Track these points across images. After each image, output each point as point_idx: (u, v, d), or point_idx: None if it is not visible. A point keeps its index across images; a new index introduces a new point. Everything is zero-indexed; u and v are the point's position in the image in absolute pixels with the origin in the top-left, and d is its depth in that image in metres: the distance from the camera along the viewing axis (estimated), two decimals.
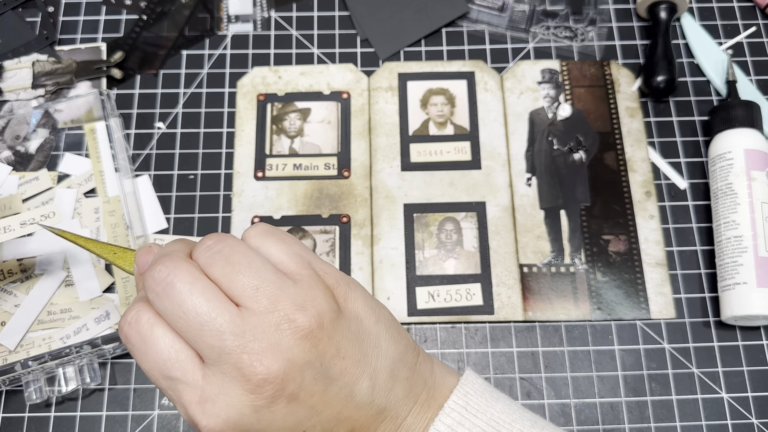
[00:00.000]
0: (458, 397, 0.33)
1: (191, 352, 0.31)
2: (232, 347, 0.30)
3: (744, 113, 0.53)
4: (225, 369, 0.30)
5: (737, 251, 0.49)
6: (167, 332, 0.32)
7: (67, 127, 0.56)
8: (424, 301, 0.51)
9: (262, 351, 0.30)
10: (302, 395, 0.31)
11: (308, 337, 0.31)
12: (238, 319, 0.30)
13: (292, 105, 0.57)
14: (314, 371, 0.31)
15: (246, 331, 0.30)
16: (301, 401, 0.31)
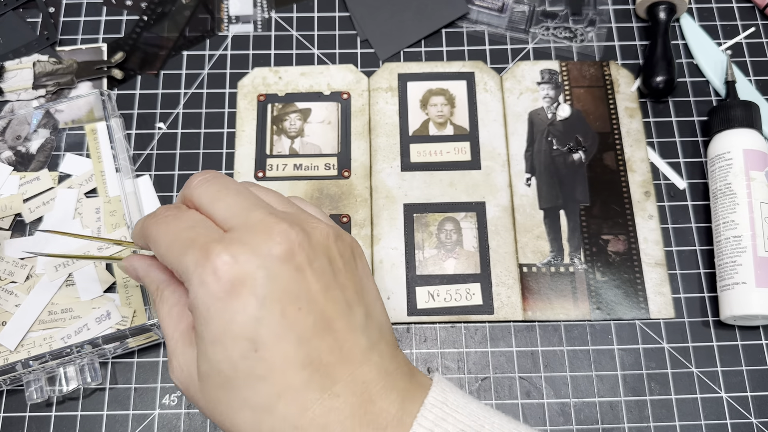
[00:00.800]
0: (437, 393, 0.33)
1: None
2: (270, 217, 0.33)
3: (743, 113, 0.53)
4: (257, 228, 0.33)
5: (736, 251, 0.49)
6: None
7: (68, 128, 0.56)
8: (424, 301, 0.51)
9: (292, 225, 0.33)
10: (317, 274, 0.33)
11: (328, 236, 0.34)
12: (272, 207, 0.34)
13: (293, 105, 0.57)
14: (329, 263, 0.33)
15: (279, 212, 0.34)
16: (316, 277, 0.33)
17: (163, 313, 0.36)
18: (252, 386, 0.31)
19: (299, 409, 0.31)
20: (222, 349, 0.31)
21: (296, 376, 0.31)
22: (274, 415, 0.31)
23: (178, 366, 0.35)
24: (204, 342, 0.32)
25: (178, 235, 0.34)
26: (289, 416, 0.31)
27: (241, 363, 0.31)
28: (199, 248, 0.32)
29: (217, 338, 0.31)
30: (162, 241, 0.34)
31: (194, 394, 0.34)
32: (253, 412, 0.31)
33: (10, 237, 0.53)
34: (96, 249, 0.52)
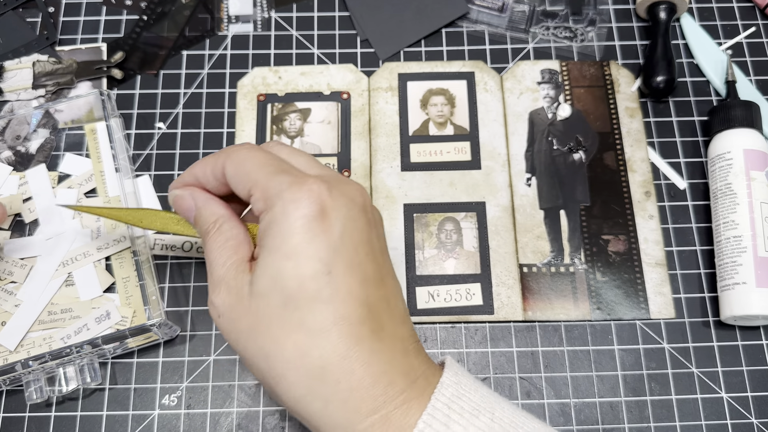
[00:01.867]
0: (451, 374, 0.35)
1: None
2: (344, 176, 0.38)
3: (743, 113, 0.53)
4: (340, 178, 0.37)
5: (736, 251, 0.49)
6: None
7: (67, 128, 0.56)
8: (424, 301, 0.51)
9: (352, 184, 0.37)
10: (380, 236, 0.37)
11: (366, 207, 0.37)
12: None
13: (293, 105, 0.57)
14: (382, 233, 0.38)
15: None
16: (379, 237, 0.37)
17: (219, 244, 0.37)
18: (313, 308, 0.33)
19: (350, 341, 0.33)
20: (295, 264, 0.33)
21: (355, 311, 0.33)
22: (326, 341, 0.33)
23: (227, 289, 0.36)
24: (276, 256, 0.34)
25: (270, 161, 0.37)
26: (340, 346, 0.33)
27: (310, 282, 0.33)
28: (295, 176, 0.35)
29: (294, 253, 0.33)
30: (251, 163, 0.37)
31: (238, 316, 0.35)
32: (307, 335, 0.33)
33: (10, 237, 0.52)
34: (118, 226, 0.52)
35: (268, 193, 0.35)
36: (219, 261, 0.37)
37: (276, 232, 0.34)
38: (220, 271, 0.36)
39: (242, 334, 0.35)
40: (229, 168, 0.38)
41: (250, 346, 0.34)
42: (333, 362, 0.33)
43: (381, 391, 0.33)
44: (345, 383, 0.33)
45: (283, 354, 0.33)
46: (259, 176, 0.36)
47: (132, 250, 0.51)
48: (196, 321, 0.51)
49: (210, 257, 0.37)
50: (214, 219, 0.39)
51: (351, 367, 0.33)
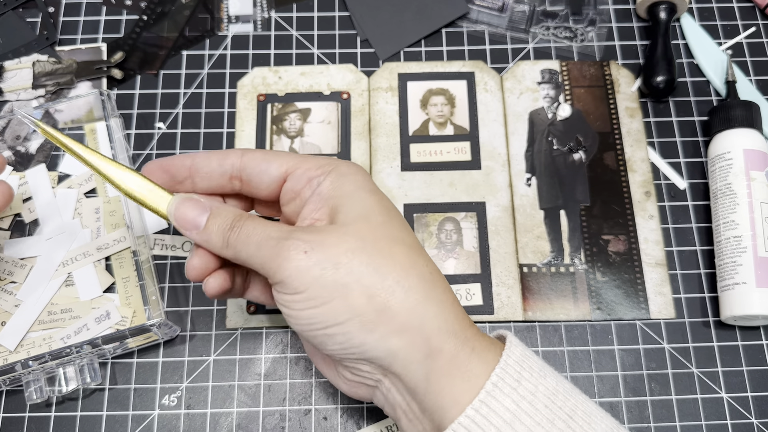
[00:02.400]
0: (515, 340, 0.37)
1: None
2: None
3: (743, 113, 0.53)
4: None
5: (736, 251, 0.49)
6: None
7: (67, 128, 0.56)
8: None
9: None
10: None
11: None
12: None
13: (292, 105, 0.57)
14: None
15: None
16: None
17: (259, 223, 0.37)
18: (405, 229, 0.38)
19: (435, 266, 0.38)
20: (380, 198, 0.38)
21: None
22: (424, 255, 0.37)
23: (306, 230, 0.36)
24: (362, 192, 0.38)
25: (290, 152, 0.41)
26: (430, 264, 0.37)
27: (394, 211, 0.39)
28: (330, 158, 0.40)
29: (375, 190, 0.39)
30: (281, 153, 0.40)
31: (336, 241, 0.35)
32: (410, 249, 0.36)
33: (10, 237, 0.52)
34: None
35: (319, 163, 0.39)
36: (275, 227, 0.37)
37: (352, 179, 0.38)
38: (285, 230, 0.36)
39: (344, 257, 0.34)
40: (254, 156, 0.39)
41: (356, 265, 0.34)
42: (435, 272, 0.36)
43: (447, 287, 0.37)
44: (449, 294, 0.36)
45: (396, 262, 0.35)
46: (296, 159, 0.39)
47: (132, 250, 0.51)
48: (196, 321, 0.51)
49: (258, 227, 0.37)
50: (239, 213, 0.38)
51: (445, 284, 0.36)
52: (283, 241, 0.35)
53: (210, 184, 0.40)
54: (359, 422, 0.48)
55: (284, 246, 0.35)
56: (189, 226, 0.38)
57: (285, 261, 0.35)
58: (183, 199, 0.39)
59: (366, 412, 0.48)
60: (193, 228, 0.38)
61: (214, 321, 0.51)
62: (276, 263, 0.35)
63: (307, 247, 0.35)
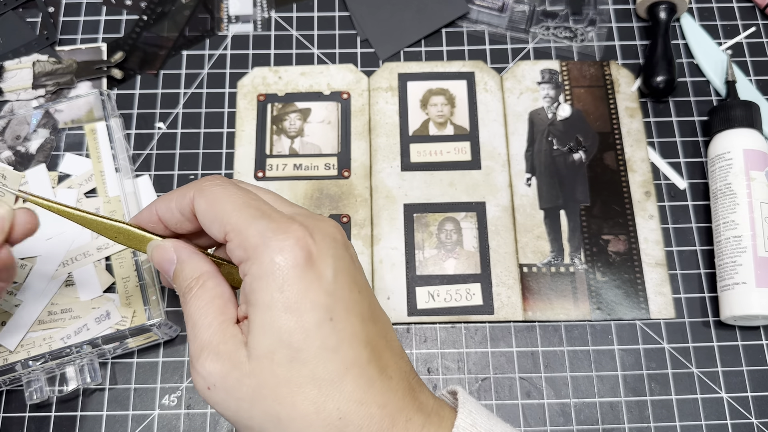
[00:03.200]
0: (465, 415, 0.33)
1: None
2: (315, 214, 0.36)
3: (743, 113, 0.53)
4: (315, 217, 0.35)
5: (736, 251, 0.49)
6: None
7: (67, 128, 0.56)
8: (424, 301, 0.51)
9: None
10: (360, 269, 0.35)
11: (346, 243, 0.35)
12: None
13: (292, 105, 0.57)
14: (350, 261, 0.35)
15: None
16: (361, 271, 0.35)
17: (203, 302, 0.35)
18: (322, 358, 0.31)
19: (364, 386, 0.31)
20: (297, 316, 0.31)
21: (361, 353, 0.32)
22: (340, 391, 0.31)
23: (215, 356, 0.33)
24: (274, 312, 0.31)
25: (246, 201, 0.34)
26: (355, 392, 0.31)
27: (315, 332, 0.31)
28: (276, 220, 0.33)
29: (293, 305, 0.31)
30: (226, 202, 0.34)
31: (235, 384, 0.32)
32: (319, 389, 0.31)
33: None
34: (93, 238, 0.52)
35: (250, 241, 0.33)
36: (203, 322, 0.34)
37: (267, 286, 0.32)
38: (205, 335, 0.33)
39: (243, 403, 0.32)
40: (201, 204, 0.35)
41: (256, 414, 0.32)
42: (351, 410, 0.31)
43: (401, 429, 0.32)
44: (366, 429, 0.31)
45: (297, 413, 0.31)
46: (238, 220, 0.33)
47: (132, 250, 0.51)
48: None
49: (192, 318, 0.34)
50: (198, 275, 0.36)
51: (369, 411, 0.31)
52: (194, 364, 0.33)
53: (180, 228, 0.38)
54: None
55: (193, 371, 0.33)
56: (164, 272, 0.38)
57: (195, 384, 0.33)
58: (156, 248, 0.38)
59: None
60: (166, 275, 0.38)
61: None
62: (191, 376, 0.34)
63: (209, 383, 0.33)
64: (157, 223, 0.38)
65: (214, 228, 0.34)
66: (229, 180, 0.36)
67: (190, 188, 0.36)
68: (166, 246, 0.38)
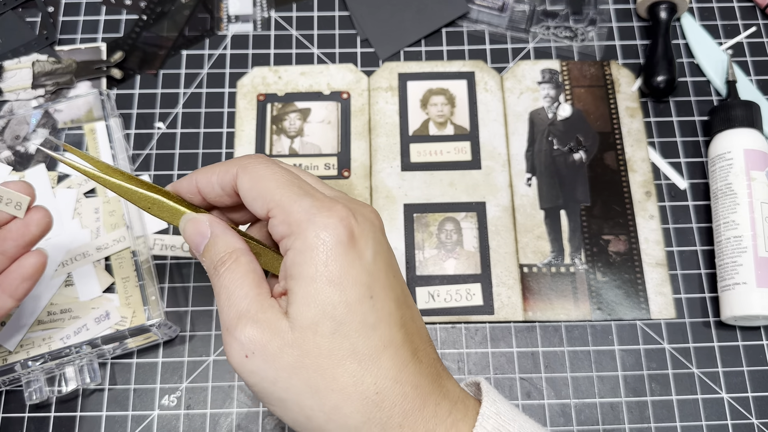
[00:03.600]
0: (489, 404, 0.34)
1: None
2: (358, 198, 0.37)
3: (744, 113, 0.53)
4: (357, 201, 0.36)
5: (737, 251, 0.49)
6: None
7: (67, 127, 0.56)
8: (424, 301, 0.51)
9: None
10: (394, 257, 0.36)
11: (383, 229, 0.36)
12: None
13: (292, 105, 0.57)
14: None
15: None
16: (394, 259, 0.36)
17: (238, 275, 0.35)
18: (363, 334, 0.32)
19: (400, 364, 0.32)
20: (340, 291, 0.32)
21: (397, 333, 0.33)
22: (378, 367, 0.32)
23: (255, 324, 0.33)
24: (318, 284, 0.32)
25: (291, 180, 0.35)
26: (391, 370, 0.32)
27: (357, 307, 0.32)
28: (320, 199, 0.34)
29: (337, 280, 0.32)
30: (271, 180, 0.35)
31: (276, 353, 0.32)
32: (359, 363, 0.32)
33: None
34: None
35: (294, 217, 0.33)
36: (239, 292, 0.34)
37: (312, 259, 0.32)
38: (242, 304, 0.33)
39: (282, 372, 0.32)
40: (244, 181, 0.36)
41: (294, 384, 0.32)
42: (387, 387, 0.32)
43: (431, 413, 0.32)
44: (399, 407, 0.32)
45: (336, 384, 0.32)
46: (282, 197, 0.34)
47: (131, 251, 0.51)
48: (195, 321, 0.51)
49: (228, 288, 0.34)
50: (232, 249, 0.36)
51: (404, 390, 0.32)
52: (231, 333, 0.33)
53: (218, 202, 0.38)
54: None
55: (229, 340, 0.33)
56: (194, 246, 0.38)
57: (229, 354, 0.33)
58: (189, 221, 0.38)
59: None
60: (196, 249, 0.38)
61: (214, 321, 0.51)
62: (224, 347, 0.34)
63: (248, 351, 0.33)
64: (196, 194, 0.38)
65: (257, 205, 0.35)
66: (272, 159, 0.37)
67: (233, 164, 0.36)
68: (201, 219, 0.37)
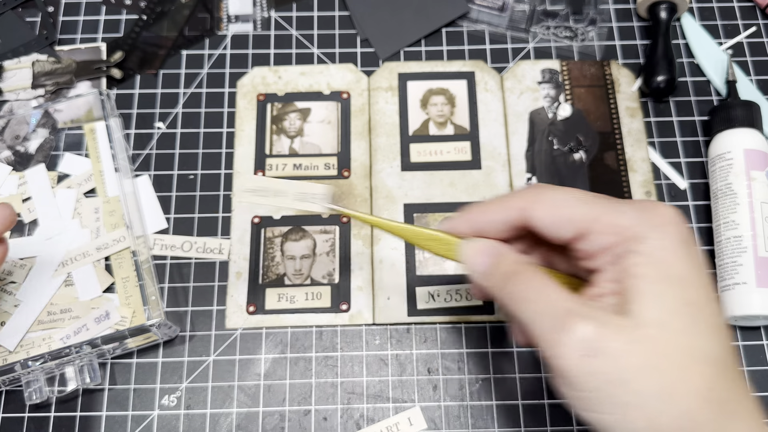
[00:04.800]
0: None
1: None
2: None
3: (744, 113, 0.53)
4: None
5: (737, 251, 0.49)
6: None
7: (66, 127, 0.56)
8: (424, 302, 0.51)
9: None
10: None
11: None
12: None
13: (292, 105, 0.57)
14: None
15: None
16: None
17: (539, 280, 0.35)
18: (713, 335, 0.32)
19: (734, 370, 0.33)
20: (689, 289, 0.32)
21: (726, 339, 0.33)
22: (725, 370, 0.32)
23: (592, 321, 0.31)
24: (665, 284, 0.32)
25: (590, 196, 0.35)
26: (735, 375, 0.32)
27: (705, 307, 0.32)
28: (637, 204, 0.34)
29: (684, 280, 0.32)
30: (573, 202, 0.35)
31: (623, 349, 0.31)
32: (711, 365, 0.31)
33: (9, 237, 0.52)
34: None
35: (624, 224, 0.33)
36: (552, 295, 0.33)
37: (657, 261, 0.32)
38: (563, 303, 0.33)
39: (627, 373, 0.30)
40: (540, 211, 0.36)
41: (643, 386, 0.30)
42: (731, 390, 0.31)
43: (750, 415, 0.31)
44: (732, 406, 0.31)
45: (690, 389, 0.30)
46: (599, 211, 0.34)
47: (131, 250, 0.51)
48: (195, 321, 0.51)
49: (536, 290, 0.34)
50: (522, 262, 0.36)
51: (737, 395, 0.31)
52: (560, 331, 0.31)
53: (499, 236, 0.38)
54: (359, 422, 0.48)
55: (561, 339, 0.31)
56: (475, 267, 0.38)
57: (560, 356, 0.31)
58: (471, 243, 0.39)
59: (366, 413, 0.48)
60: (478, 270, 0.38)
61: (214, 321, 0.51)
62: (550, 350, 0.32)
63: (586, 351, 0.31)
64: (471, 232, 0.39)
65: (561, 230, 0.35)
66: (553, 185, 0.37)
67: (516, 200, 0.37)
68: (483, 241, 0.38)
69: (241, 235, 0.53)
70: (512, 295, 0.35)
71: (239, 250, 0.53)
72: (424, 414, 0.48)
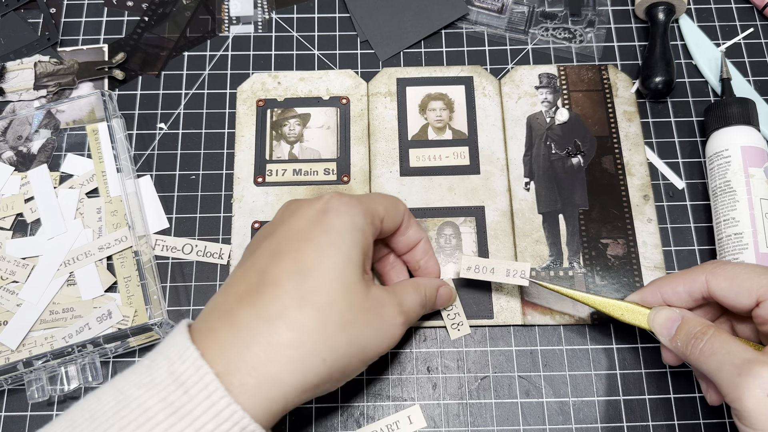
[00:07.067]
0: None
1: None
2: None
3: (739, 110, 0.53)
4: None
5: (738, 248, 0.49)
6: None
7: (69, 128, 0.57)
8: None
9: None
10: None
11: None
12: None
13: (292, 110, 0.57)
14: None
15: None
16: None
17: (725, 338, 0.39)
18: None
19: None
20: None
21: None
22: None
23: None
24: None
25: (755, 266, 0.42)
26: None
27: None
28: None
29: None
30: (752, 273, 0.41)
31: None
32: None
33: (12, 237, 0.53)
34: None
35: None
36: (737, 347, 0.38)
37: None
38: (747, 354, 0.37)
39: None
40: (720, 283, 0.41)
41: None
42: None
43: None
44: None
45: None
46: (765, 287, 0.40)
47: (133, 250, 0.52)
48: None
49: (722, 347, 0.38)
50: (706, 324, 0.41)
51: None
52: (745, 376, 0.36)
53: (686, 305, 0.44)
54: (359, 421, 0.48)
55: (743, 382, 0.36)
56: (664, 332, 0.43)
57: (743, 398, 0.36)
58: (659, 311, 0.44)
59: (366, 411, 0.49)
60: (666, 334, 0.43)
61: None
62: (734, 393, 0.36)
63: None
64: (657, 302, 0.45)
65: (741, 297, 0.40)
66: (729, 261, 0.45)
67: (698, 272, 0.43)
68: (670, 308, 0.44)
69: (241, 241, 0.53)
70: (698, 354, 0.40)
71: (240, 255, 0.53)
72: (424, 412, 0.49)
